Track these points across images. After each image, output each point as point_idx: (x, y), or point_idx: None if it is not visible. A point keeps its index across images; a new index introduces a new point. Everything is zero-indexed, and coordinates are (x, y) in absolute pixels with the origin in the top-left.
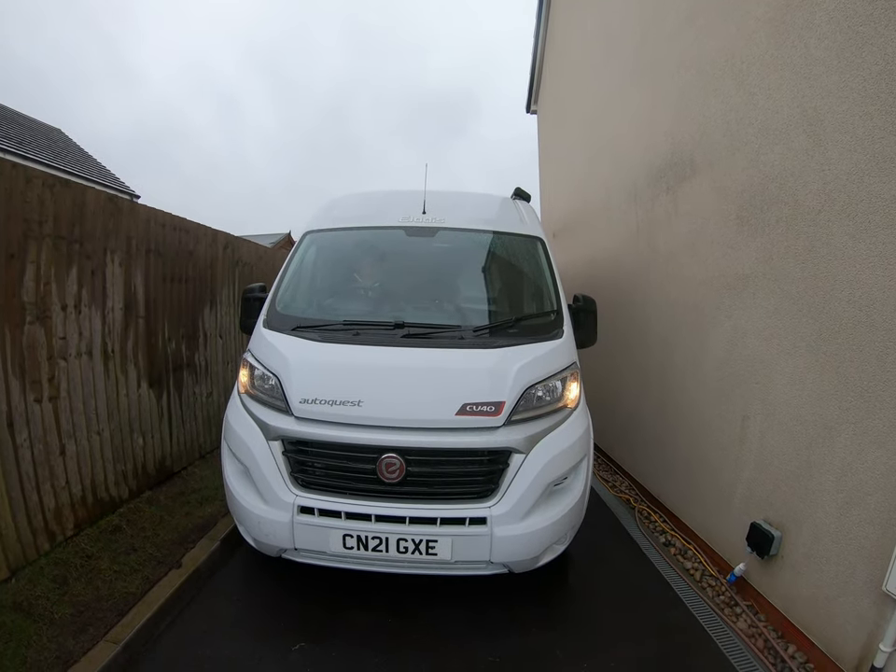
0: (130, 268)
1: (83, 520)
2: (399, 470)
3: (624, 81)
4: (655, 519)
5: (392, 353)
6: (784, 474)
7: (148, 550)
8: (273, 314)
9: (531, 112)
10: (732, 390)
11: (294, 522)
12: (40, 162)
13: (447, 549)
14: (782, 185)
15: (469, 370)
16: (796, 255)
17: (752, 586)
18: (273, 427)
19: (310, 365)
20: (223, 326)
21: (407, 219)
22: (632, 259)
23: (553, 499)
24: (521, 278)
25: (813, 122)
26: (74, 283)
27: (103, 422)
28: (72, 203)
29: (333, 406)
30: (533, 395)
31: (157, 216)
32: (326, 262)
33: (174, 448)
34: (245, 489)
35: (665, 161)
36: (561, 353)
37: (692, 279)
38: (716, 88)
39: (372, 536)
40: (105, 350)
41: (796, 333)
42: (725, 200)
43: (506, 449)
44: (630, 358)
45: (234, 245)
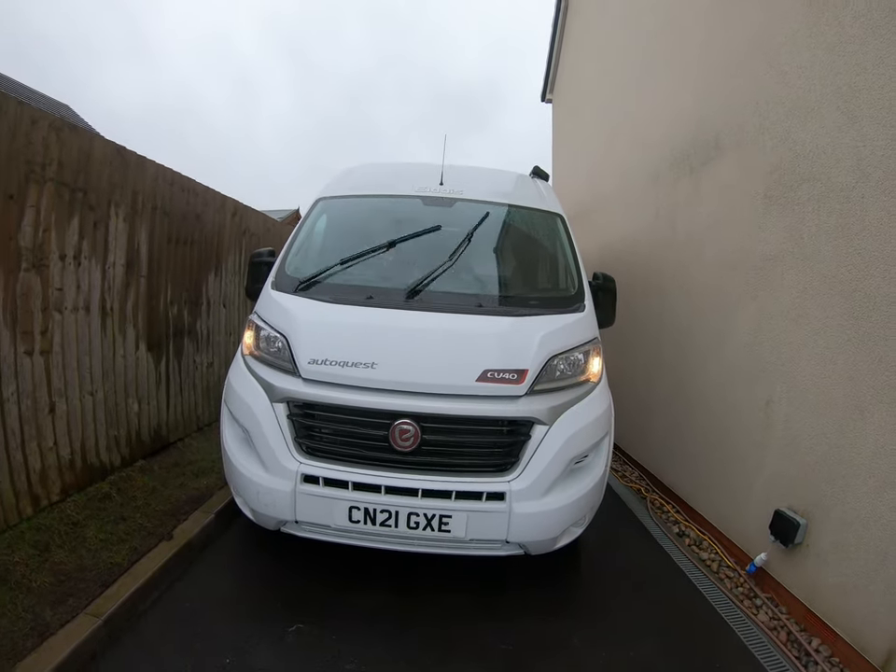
0: (134, 224)
1: (70, 485)
2: (413, 438)
3: (647, 65)
4: (668, 509)
5: (409, 315)
6: (811, 459)
7: (138, 520)
8: (283, 276)
9: (546, 101)
10: (755, 374)
11: (296, 491)
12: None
13: (462, 525)
14: (814, 162)
15: (492, 335)
16: (828, 233)
17: (773, 577)
18: (278, 388)
19: (320, 324)
20: (227, 295)
21: (424, 189)
22: (649, 243)
23: (573, 478)
24: (541, 252)
25: (847, 99)
26: (75, 233)
27: (97, 382)
28: (78, 149)
29: (344, 368)
30: (556, 366)
31: (165, 173)
32: (338, 228)
33: (170, 417)
34: (244, 456)
35: (689, 143)
36: (583, 326)
37: (714, 261)
38: (745, 68)
39: (381, 509)
40: (103, 307)
41: (827, 313)
42: (752, 179)
43: (528, 419)
44: (643, 343)
45: (243, 213)
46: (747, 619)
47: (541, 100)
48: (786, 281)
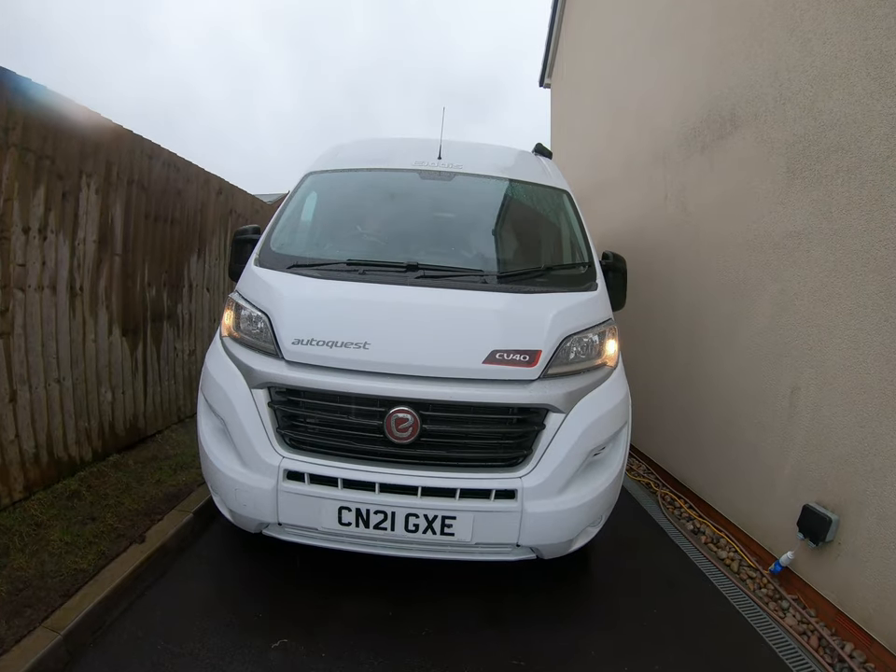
0: (108, 197)
1: (35, 482)
2: (411, 429)
3: (654, 42)
4: (681, 504)
5: (407, 290)
6: (843, 450)
7: (109, 520)
8: (268, 252)
9: (545, 86)
10: (778, 359)
11: (279, 489)
12: None
13: (467, 528)
14: (842, 132)
15: (500, 312)
16: (860, 206)
17: (799, 577)
18: (257, 372)
19: (307, 300)
20: (211, 278)
21: (421, 163)
22: (658, 226)
23: (590, 472)
24: (547, 229)
25: (878, 65)
26: (40, 204)
27: (64, 369)
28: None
29: (333, 348)
30: (570, 348)
31: (143, 145)
32: (329, 203)
33: (148, 408)
34: (220, 449)
35: (701, 119)
36: (597, 305)
37: (730, 241)
38: (763, 38)
39: (375, 510)
40: (71, 286)
41: (860, 291)
42: (773, 153)
43: (542, 406)
44: (650, 329)
45: (229, 192)
46: (774, 623)
47: (539, 85)
48: (813, 259)
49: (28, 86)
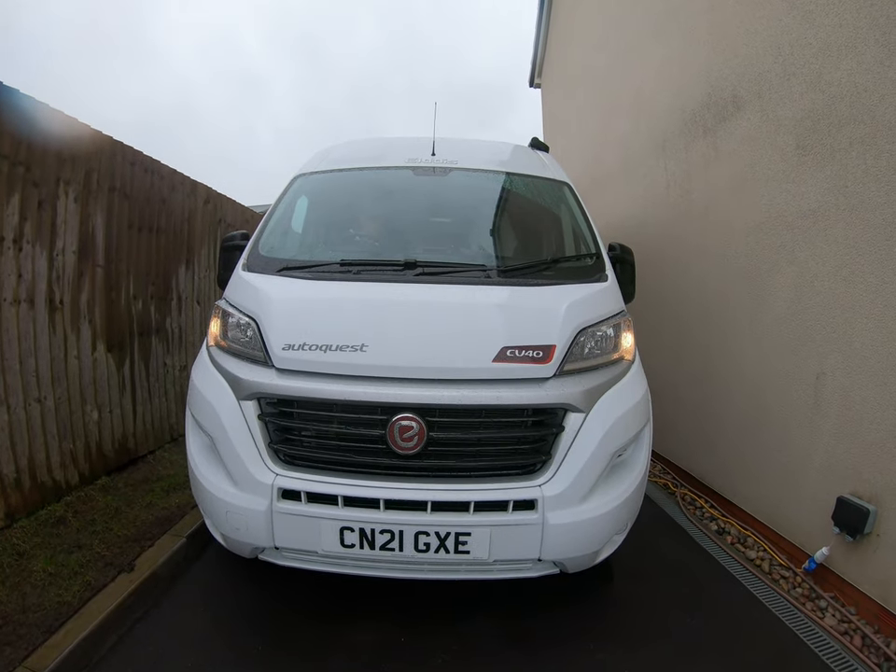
0: (88, 206)
1: (17, 508)
2: (417, 437)
3: (648, 29)
4: (702, 504)
5: (406, 288)
6: (877, 436)
7: (96, 548)
8: (256, 256)
9: (535, 86)
10: (800, 346)
11: (273, 510)
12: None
13: (483, 544)
14: (853, 103)
15: (508, 306)
16: (878, 177)
17: (835, 573)
18: (245, 382)
19: (297, 303)
20: (201, 290)
21: (414, 160)
22: (661, 216)
23: (614, 476)
24: (551, 222)
25: (886, 30)
26: (14, 213)
27: (45, 387)
28: (19, 117)
29: (327, 352)
30: (585, 342)
31: (125, 151)
32: (320, 204)
33: (138, 427)
34: (209, 468)
35: (701, 103)
36: (609, 296)
37: (740, 225)
38: (762, 13)
39: (381, 529)
40: (50, 300)
41: (885, 266)
42: (780, 131)
43: (561, 406)
44: (662, 322)
45: (217, 201)
46: (813, 624)
47: (530, 85)
48: (831, 237)
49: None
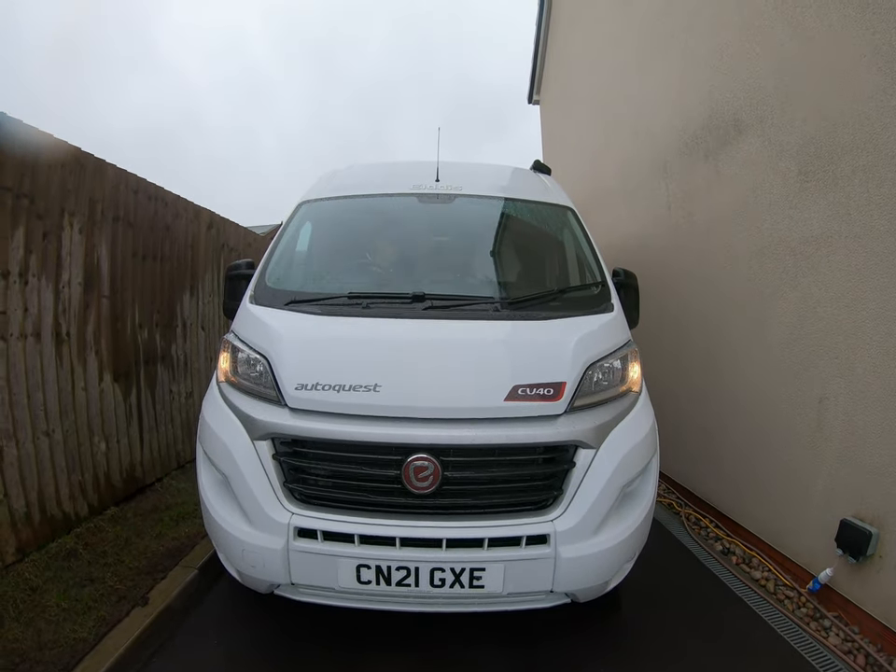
0: (93, 236)
1: (28, 542)
2: (432, 477)
3: (647, 50)
4: (706, 524)
5: (416, 325)
6: (879, 460)
7: (108, 581)
8: (263, 289)
9: (533, 102)
10: (803, 370)
11: (289, 549)
12: None
13: (497, 579)
14: (856, 130)
15: (517, 343)
16: (880, 206)
17: (839, 593)
18: (260, 422)
19: (308, 341)
20: (206, 316)
21: (419, 187)
22: (663, 237)
23: (624, 507)
24: (555, 249)
25: (889, 59)
26: (19, 246)
27: (53, 420)
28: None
29: (341, 392)
30: (593, 376)
31: (129, 179)
32: (326, 233)
33: (145, 455)
34: (224, 506)
35: (701, 126)
36: (616, 328)
37: (742, 250)
38: (764, 38)
39: (397, 566)
40: (57, 332)
41: (888, 294)
42: (782, 156)
43: (572, 443)
44: (665, 342)
45: (220, 226)
46: (817, 644)
47: (528, 101)
48: (833, 263)
49: (2, 120)
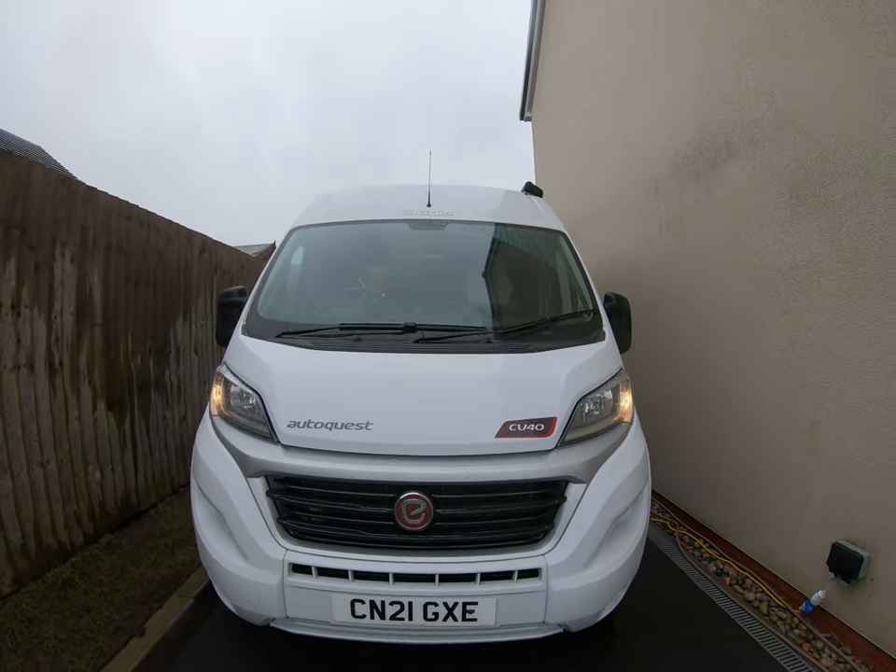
0: (85, 265)
1: (24, 573)
2: (424, 514)
3: (637, 70)
4: (700, 545)
5: (406, 360)
6: (871, 484)
7: (105, 611)
8: (255, 319)
9: (525, 119)
10: (795, 393)
11: (284, 584)
12: None
13: (490, 612)
14: (847, 155)
15: (508, 378)
16: (871, 231)
17: (832, 615)
18: (253, 460)
19: (300, 377)
20: (199, 340)
21: (410, 213)
22: (654, 259)
23: (616, 539)
24: (546, 275)
25: (881, 83)
26: (11, 278)
27: (48, 451)
28: (13, 179)
29: (333, 430)
30: (584, 408)
31: (120, 206)
32: (317, 260)
33: (139, 482)
34: (219, 541)
35: (693, 147)
36: (607, 357)
37: (734, 272)
38: (754, 61)
39: (391, 601)
40: (50, 363)
41: (878, 320)
42: (773, 180)
43: (562, 478)
44: (656, 361)
45: (213, 249)
46: (809, 665)
47: (520, 118)
48: (824, 288)
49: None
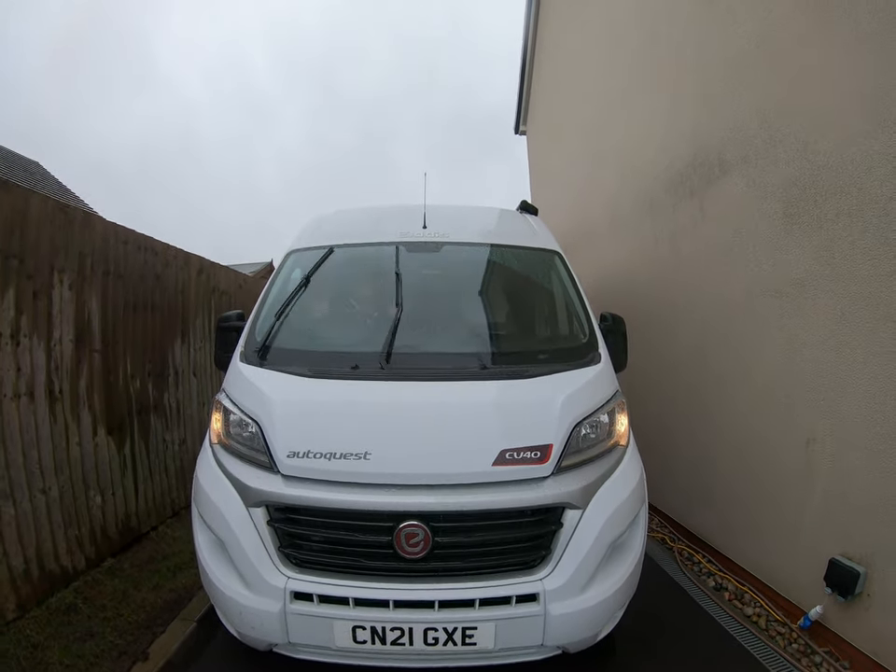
0: (83, 292)
1: (28, 598)
2: (423, 543)
3: (631, 85)
4: (699, 559)
5: (403, 388)
6: (866, 501)
7: (108, 636)
8: (252, 345)
9: (520, 133)
10: (790, 410)
11: (286, 611)
12: None
13: (489, 636)
14: (840, 174)
15: (504, 406)
16: (864, 250)
17: (830, 629)
18: (254, 490)
19: (299, 407)
20: (197, 362)
21: (406, 235)
22: (650, 275)
23: (613, 562)
24: (542, 297)
25: (873, 102)
26: (10, 307)
27: (49, 478)
28: (10, 209)
29: (332, 460)
30: (580, 433)
31: (118, 231)
32: (314, 285)
33: (140, 505)
34: (221, 568)
35: (687, 164)
36: (603, 380)
37: (729, 289)
38: (748, 77)
39: (392, 626)
40: (50, 390)
41: (872, 339)
42: (767, 197)
43: (559, 505)
44: (652, 376)
45: (210, 271)
46: None
47: (515, 132)
48: (819, 307)
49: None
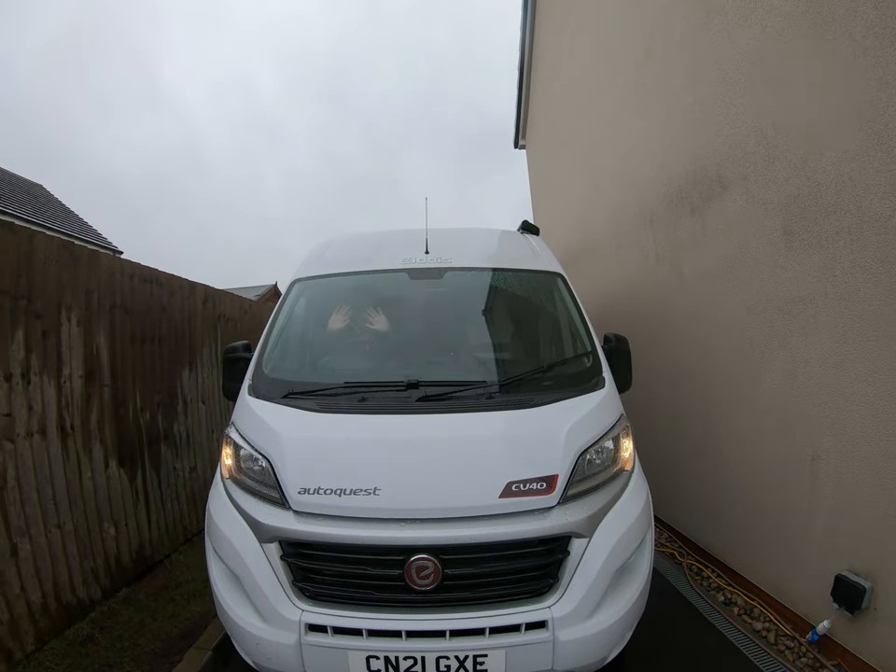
0: (91, 327)
1: (46, 631)
2: (433, 575)
3: (629, 100)
4: (708, 574)
5: (410, 422)
6: (872, 516)
7: (126, 666)
8: (260, 378)
9: (519, 147)
10: (793, 427)
11: (302, 643)
12: (19, 218)
13: (500, 663)
14: (839, 191)
15: (509, 437)
16: (865, 268)
17: (838, 643)
18: (266, 527)
19: (309, 443)
20: (206, 390)
21: (409, 261)
22: (651, 291)
23: (621, 584)
24: (545, 321)
25: (871, 119)
26: (20, 347)
27: (63, 513)
28: (17, 251)
29: (342, 496)
30: (586, 460)
31: (123, 266)
32: (319, 314)
33: (153, 534)
34: (235, 600)
35: (686, 180)
36: (608, 406)
37: (731, 307)
38: (744, 94)
39: (405, 656)
40: (62, 427)
41: (874, 357)
42: (767, 214)
43: (565, 535)
44: (657, 393)
45: (215, 298)
46: None
47: (514, 146)
48: (821, 324)
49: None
